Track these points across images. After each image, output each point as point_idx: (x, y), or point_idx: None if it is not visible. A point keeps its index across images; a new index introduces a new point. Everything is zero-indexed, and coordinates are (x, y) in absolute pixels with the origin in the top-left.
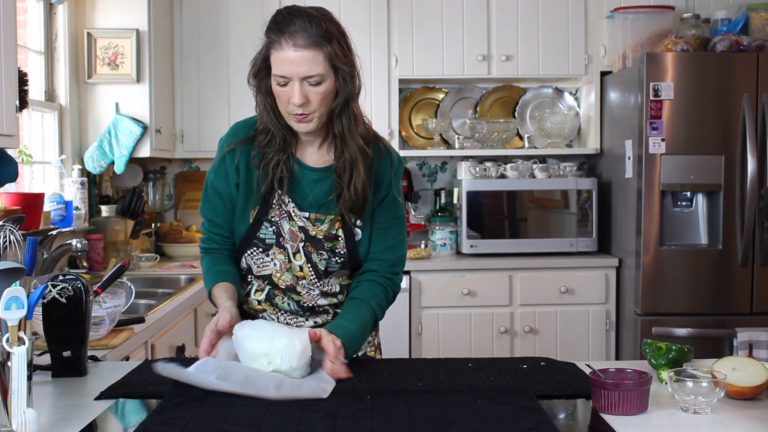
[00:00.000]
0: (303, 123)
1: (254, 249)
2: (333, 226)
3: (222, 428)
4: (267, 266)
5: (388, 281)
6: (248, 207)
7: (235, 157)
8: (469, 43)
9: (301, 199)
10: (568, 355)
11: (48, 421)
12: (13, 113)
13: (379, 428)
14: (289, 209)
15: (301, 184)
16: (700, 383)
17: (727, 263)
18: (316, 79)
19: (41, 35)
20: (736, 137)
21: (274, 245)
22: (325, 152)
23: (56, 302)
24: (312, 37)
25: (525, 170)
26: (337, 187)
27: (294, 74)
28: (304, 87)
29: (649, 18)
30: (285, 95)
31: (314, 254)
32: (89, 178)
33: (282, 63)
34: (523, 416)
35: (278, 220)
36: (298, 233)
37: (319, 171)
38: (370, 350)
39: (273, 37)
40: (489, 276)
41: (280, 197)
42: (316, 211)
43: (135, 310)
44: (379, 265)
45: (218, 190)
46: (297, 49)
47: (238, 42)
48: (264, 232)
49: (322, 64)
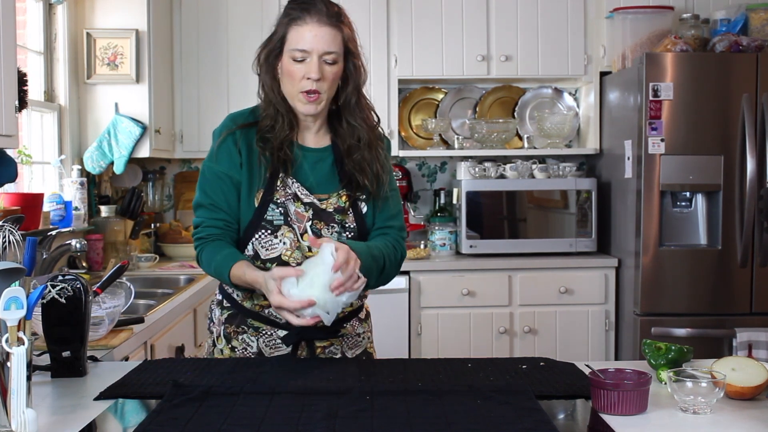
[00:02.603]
0: (312, 104)
1: (262, 232)
2: (341, 199)
3: (221, 428)
4: (276, 248)
5: (398, 243)
6: (253, 190)
7: (236, 140)
8: (468, 43)
9: (304, 179)
10: (568, 356)
11: (47, 422)
12: (13, 113)
13: (379, 428)
14: (294, 190)
15: (302, 166)
16: (700, 383)
17: (727, 263)
18: (333, 57)
19: (41, 35)
20: (736, 137)
21: (283, 225)
22: (323, 135)
23: (56, 302)
24: (333, 16)
25: (524, 170)
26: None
27: (315, 49)
28: (320, 63)
29: (649, 18)
30: (299, 72)
31: (325, 229)
32: (89, 179)
33: (304, 37)
34: (523, 416)
35: (284, 201)
36: (304, 213)
37: (318, 151)
38: (370, 346)
39: (296, 14)
40: (488, 276)
41: (283, 179)
42: (318, 191)
43: (134, 310)
44: (389, 231)
45: (218, 174)
46: (321, 25)
47: (238, 42)
48: (271, 214)
49: (340, 44)
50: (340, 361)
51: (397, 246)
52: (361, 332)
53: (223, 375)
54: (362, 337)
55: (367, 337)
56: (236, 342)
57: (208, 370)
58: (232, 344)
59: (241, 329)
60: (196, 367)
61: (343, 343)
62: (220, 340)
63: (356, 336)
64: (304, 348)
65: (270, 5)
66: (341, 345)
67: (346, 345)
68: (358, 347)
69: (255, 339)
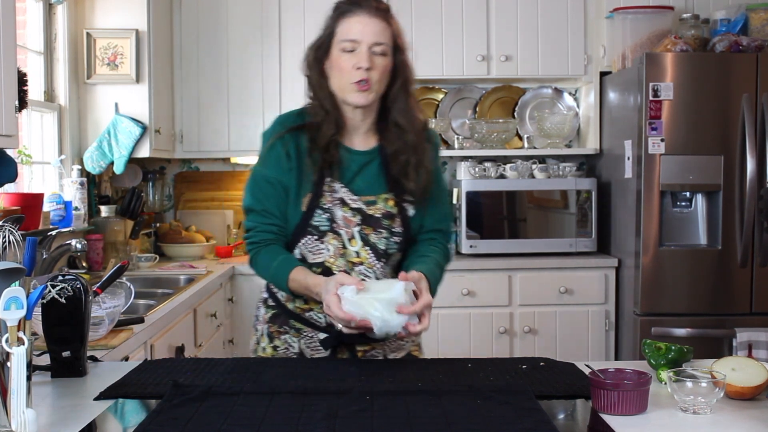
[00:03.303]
0: (363, 93)
1: (308, 237)
2: (387, 204)
3: (221, 428)
4: (321, 253)
5: (444, 247)
6: (300, 195)
7: (285, 144)
8: (468, 43)
9: (351, 182)
10: (568, 356)
11: (47, 422)
12: (13, 113)
13: (379, 428)
14: (341, 195)
15: (350, 168)
16: (700, 383)
17: (727, 263)
18: (383, 48)
19: (41, 35)
20: (736, 137)
21: (328, 231)
22: (370, 137)
23: (56, 302)
24: (383, 10)
25: (524, 170)
26: (393, 170)
27: (364, 39)
28: (370, 53)
29: (649, 18)
30: (349, 62)
31: (372, 235)
32: (89, 179)
33: (354, 27)
34: (523, 416)
35: (330, 206)
36: (352, 218)
37: (366, 153)
38: (414, 349)
39: (345, 8)
40: (488, 276)
41: (330, 183)
42: (365, 194)
43: (134, 310)
44: (436, 235)
45: (269, 180)
46: (371, 17)
47: (238, 42)
48: (317, 220)
49: (389, 37)
50: (340, 361)
51: (446, 254)
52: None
53: (223, 375)
54: (405, 341)
55: (411, 340)
56: (279, 342)
57: (208, 370)
58: (274, 343)
59: (284, 329)
60: (196, 367)
61: (385, 346)
62: (263, 338)
63: (398, 339)
64: (344, 351)
65: (270, 5)
66: (383, 349)
67: (388, 348)
68: (400, 350)
69: (297, 340)
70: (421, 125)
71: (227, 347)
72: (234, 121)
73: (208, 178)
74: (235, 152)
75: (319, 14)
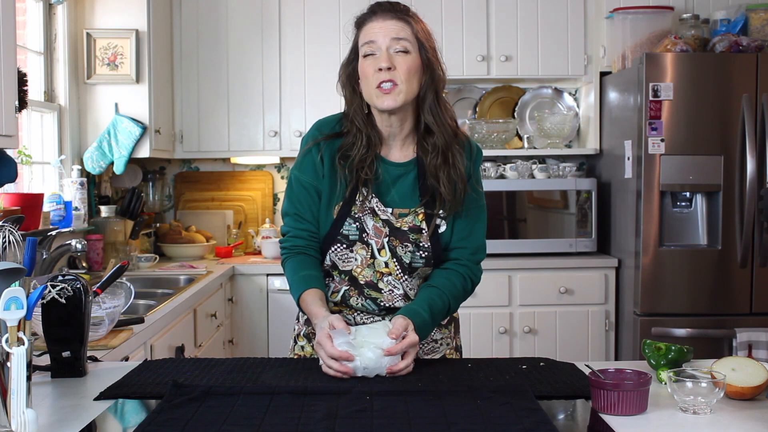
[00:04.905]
0: (388, 96)
1: (338, 245)
2: (417, 218)
3: (221, 429)
4: (350, 261)
5: (468, 270)
6: (332, 202)
7: (320, 150)
8: (468, 43)
9: (384, 194)
10: (568, 356)
11: (47, 422)
12: (13, 113)
13: (379, 428)
14: (373, 205)
15: (384, 180)
16: (700, 384)
17: (727, 264)
18: (403, 44)
19: (41, 35)
20: (736, 138)
21: (358, 241)
22: (408, 147)
23: (56, 303)
24: (400, 12)
25: (524, 171)
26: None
27: (380, 38)
28: (390, 53)
29: (649, 18)
30: (371, 66)
31: (399, 248)
32: (88, 179)
33: (371, 30)
34: (523, 417)
35: (361, 216)
36: (382, 228)
37: (402, 166)
38: (449, 352)
39: (363, 17)
40: (488, 276)
41: (363, 193)
42: (399, 206)
43: (134, 310)
44: (461, 253)
45: (304, 184)
46: (387, 18)
47: (238, 43)
48: (347, 229)
49: (409, 34)
50: None
51: (468, 276)
52: (439, 338)
53: (223, 375)
54: (440, 343)
55: (446, 343)
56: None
57: (208, 370)
58: (312, 344)
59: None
60: (196, 367)
61: (419, 349)
62: (301, 338)
63: (433, 342)
64: None
65: (270, 6)
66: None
67: (421, 351)
68: (435, 353)
69: None
70: (451, 128)
71: (227, 347)
72: (234, 121)
73: (208, 179)
74: (235, 152)
75: (319, 14)
